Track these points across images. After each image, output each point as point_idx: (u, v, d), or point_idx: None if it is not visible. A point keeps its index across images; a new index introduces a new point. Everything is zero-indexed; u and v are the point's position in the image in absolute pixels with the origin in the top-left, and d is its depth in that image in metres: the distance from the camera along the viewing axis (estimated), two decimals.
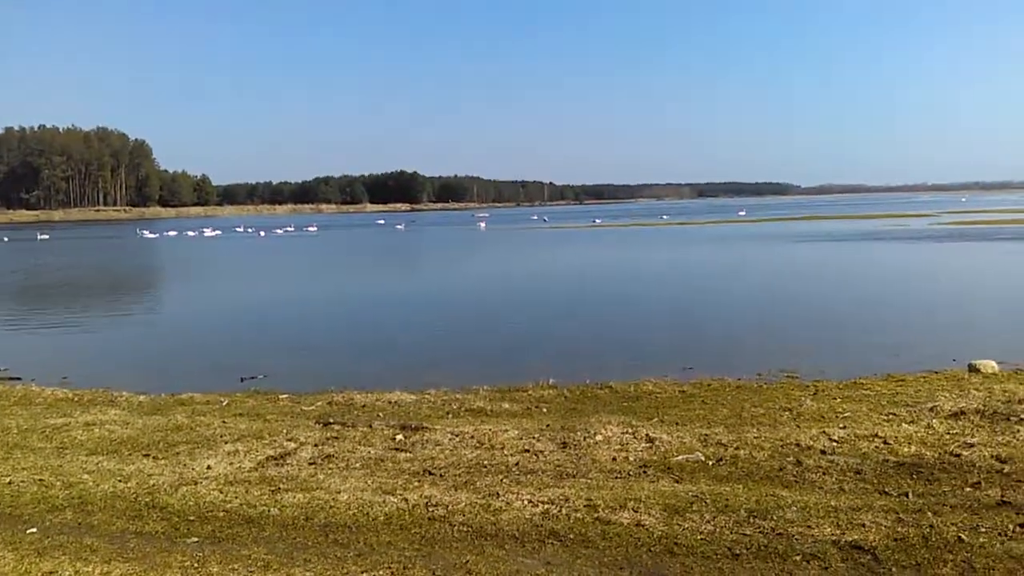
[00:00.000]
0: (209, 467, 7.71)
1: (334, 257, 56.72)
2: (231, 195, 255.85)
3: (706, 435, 8.34)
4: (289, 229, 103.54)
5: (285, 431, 9.12)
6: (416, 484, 6.86)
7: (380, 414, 10.19)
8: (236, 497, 6.71)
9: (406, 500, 6.31)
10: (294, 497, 6.63)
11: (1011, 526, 5.34)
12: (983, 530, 5.28)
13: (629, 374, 12.56)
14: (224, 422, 9.77)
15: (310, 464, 7.82)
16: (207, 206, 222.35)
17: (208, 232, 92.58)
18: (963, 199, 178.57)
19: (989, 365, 11.95)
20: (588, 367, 13.45)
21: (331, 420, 9.67)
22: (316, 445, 8.46)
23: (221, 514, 6.34)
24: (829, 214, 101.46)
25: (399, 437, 8.64)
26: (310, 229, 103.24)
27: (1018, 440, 7.62)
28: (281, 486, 6.99)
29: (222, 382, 13.26)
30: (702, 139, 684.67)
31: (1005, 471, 6.74)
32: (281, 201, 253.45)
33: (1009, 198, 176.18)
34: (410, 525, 5.84)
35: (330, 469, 7.59)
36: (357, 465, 7.71)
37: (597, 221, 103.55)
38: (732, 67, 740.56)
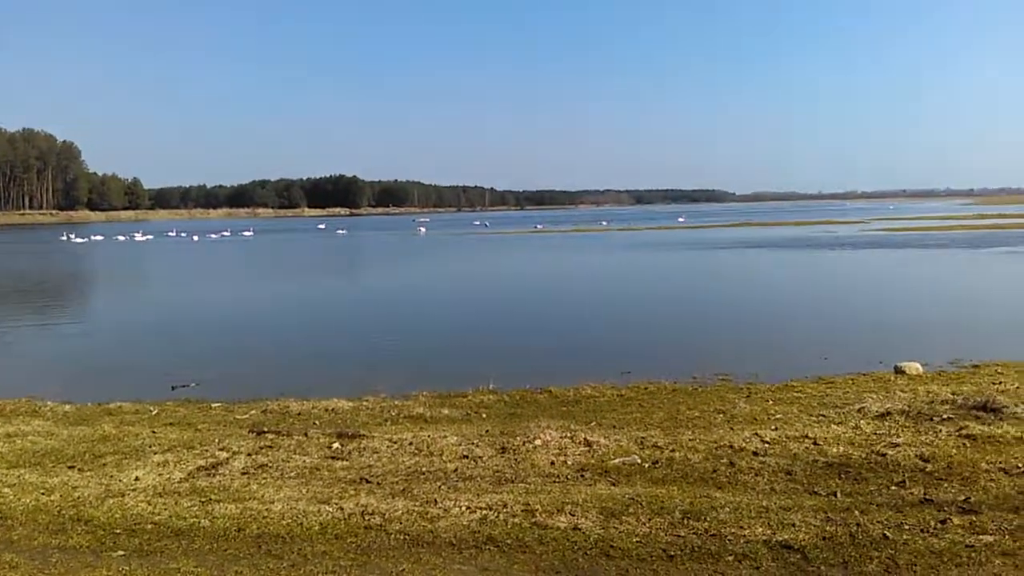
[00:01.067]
0: (137, 478, 7.47)
1: (270, 262, 55.77)
2: (164, 199, 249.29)
3: (643, 438, 8.44)
4: (225, 233, 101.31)
5: (217, 440, 8.90)
6: (352, 493, 6.77)
7: (316, 422, 10.03)
8: (165, 509, 6.52)
9: (342, 509, 6.22)
10: (226, 508, 6.47)
11: (933, 523, 5.53)
12: (907, 527, 5.45)
13: (569, 379, 12.64)
14: (154, 432, 9.50)
15: (243, 474, 7.65)
16: (138, 210, 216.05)
17: (139, 237, 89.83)
18: (891, 207, 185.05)
19: (914, 367, 12.39)
20: (529, 372, 13.49)
21: (265, 429, 9.48)
22: (249, 454, 8.28)
23: (149, 527, 6.15)
24: (764, 221, 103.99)
25: (335, 445, 8.52)
26: (246, 233, 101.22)
27: (940, 440, 7.90)
28: (212, 497, 6.82)
29: (152, 391, 12.90)
30: (640, 146, 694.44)
31: (928, 470, 6.99)
32: (216, 205, 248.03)
33: (933, 205, 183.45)
34: (345, 534, 5.76)
35: (263, 479, 7.44)
36: (292, 474, 7.57)
37: (539, 227, 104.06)
38: (669, 76, 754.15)
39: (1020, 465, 6.93)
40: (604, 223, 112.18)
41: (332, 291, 34.44)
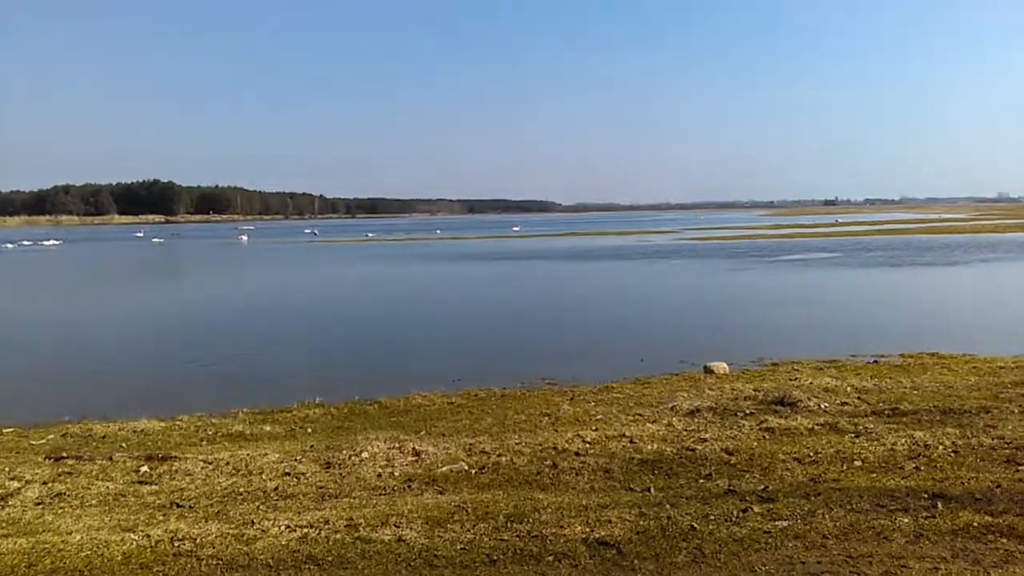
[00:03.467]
0: None
1: (73, 275, 51.44)
2: None
3: (471, 444, 8.49)
4: (25, 243, 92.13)
5: (7, 469, 8.07)
6: (161, 518, 6.33)
7: (123, 444, 9.33)
8: None
9: (148, 536, 5.79)
10: (15, 543, 5.85)
11: (735, 512, 5.92)
12: (712, 518, 5.80)
13: (399, 388, 12.54)
14: None
15: (36, 504, 6.97)
16: None
17: None
18: (701, 217, 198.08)
19: (721, 367, 13.29)
20: (358, 383, 13.26)
21: (64, 454, 8.69)
22: (45, 483, 7.55)
23: None
24: (588, 231, 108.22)
25: (144, 469, 7.94)
26: (47, 243, 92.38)
27: (743, 433, 8.51)
28: (0, 532, 6.16)
29: None
30: (471, 156, 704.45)
31: (732, 462, 7.50)
32: (12, 212, 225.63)
33: (736, 216, 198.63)
34: (152, 563, 5.37)
35: (60, 509, 6.81)
36: (93, 502, 6.98)
37: (370, 235, 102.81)
38: (489, 87, 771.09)
39: (811, 454, 7.58)
40: (438, 232, 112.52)
41: (144, 305, 32.24)
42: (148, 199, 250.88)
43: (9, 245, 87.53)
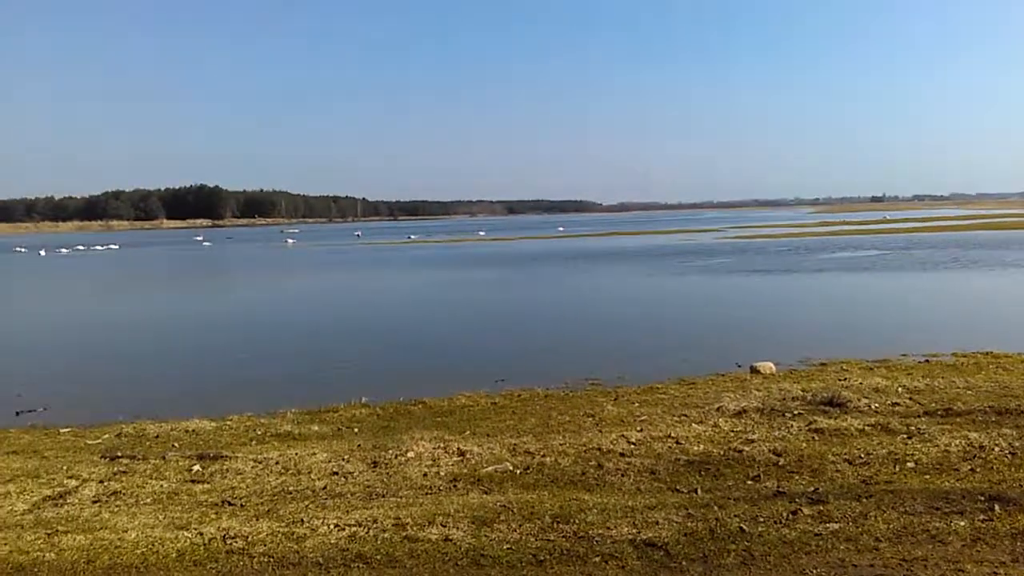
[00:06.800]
0: None
1: (125, 277, 52.70)
2: (6, 212, 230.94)
3: (515, 445, 8.51)
4: (80, 248, 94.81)
5: (65, 468, 8.33)
6: (213, 516, 6.47)
7: (175, 444, 9.54)
8: (5, 544, 6.01)
9: (201, 534, 5.92)
10: (74, 539, 6.04)
11: (785, 514, 5.85)
12: (761, 520, 5.74)
13: (443, 389, 12.61)
14: None
15: (94, 502, 7.17)
16: None
17: None
18: (745, 215, 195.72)
19: (767, 367, 13.10)
20: (403, 384, 13.36)
21: (119, 454, 8.93)
22: (101, 481, 7.78)
23: None
24: (632, 230, 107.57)
25: (196, 468, 8.12)
26: (98, 248, 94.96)
27: (791, 434, 8.39)
28: (59, 528, 6.35)
29: None
30: (510, 157, 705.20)
31: (780, 463, 7.40)
32: (65, 218, 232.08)
33: (782, 214, 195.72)
34: (205, 560, 5.49)
35: (116, 507, 7.00)
36: (148, 500, 7.16)
37: (412, 237, 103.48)
38: (541, 92, 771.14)
39: (862, 455, 7.45)
40: (480, 233, 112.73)
41: (194, 306, 32.92)
42: (195, 204, 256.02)
43: (63, 250, 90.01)
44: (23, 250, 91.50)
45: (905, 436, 8.06)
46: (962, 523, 5.42)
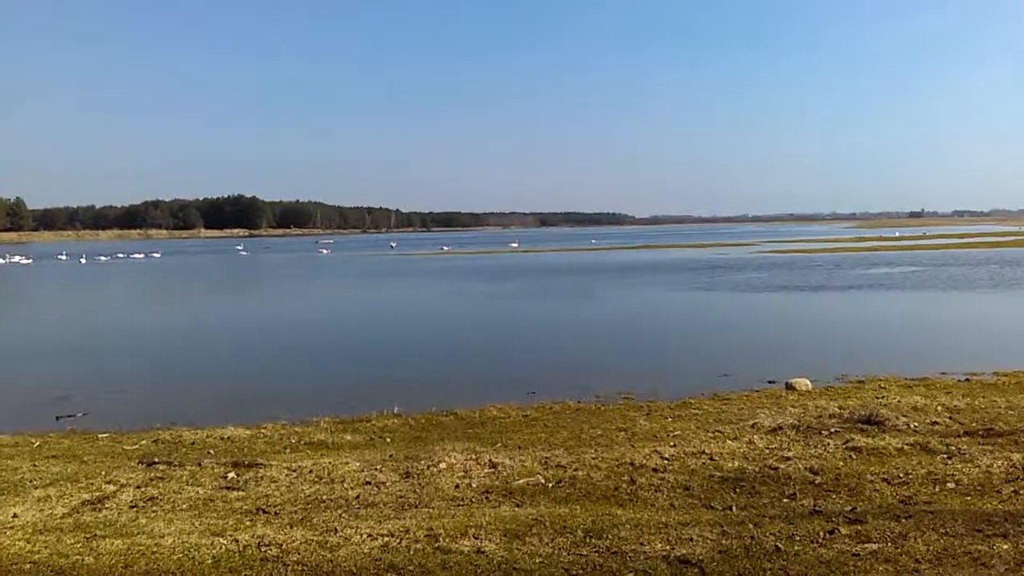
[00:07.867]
0: (15, 515, 6.99)
1: (164, 284, 53.61)
2: (49, 220, 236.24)
3: (547, 458, 8.49)
4: (119, 256, 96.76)
5: (104, 473, 8.46)
6: (248, 524, 6.53)
7: (211, 451, 9.66)
8: (46, 547, 6.11)
9: (236, 541, 5.98)
10: (112, 544, 6.12)
11: (822, 533, 5.75)
12: (798, 538, 5.65)
13: (475, 400, 12.64)
14: (35, 465, 8.95)
15: (131, 507, 7.27)
16: (21, 231, 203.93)
17: (22, 260, 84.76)
18: (780, 229, 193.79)
19: (803, 383, 12.94)
20: (434, 395, 13.41)
21: (156, 460, 9.05)
22: (138, 487, 7.89)
23: (28, 566, 5.74)
24: (665, 243, 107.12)
25: (231, 475, 8.21)
26: (137, 256, 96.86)
27: (828, 452, 8.26)
28: (97, 533, 6.45)
29: (34, 422, 12.21)
30: (542, 169, 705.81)
31: (817, 482, 7.29)
32: (105, 226, 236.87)
33: (817, 228, 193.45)
34: (240, 567, 5.54)
35: (153, 512, 7.09)
36: (184, 506, 7.24)
37: (445, 248, 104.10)
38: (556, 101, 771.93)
39: (901, 475, 7.31)
40: (513, 245, 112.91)
41: (231, 315, 33.36)
42: (232, 214, 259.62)
43: (102, 258, 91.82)
44: (64, 257, 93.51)
45: (945, 456, 7.90)
46: (1005, 546, 5.29)
